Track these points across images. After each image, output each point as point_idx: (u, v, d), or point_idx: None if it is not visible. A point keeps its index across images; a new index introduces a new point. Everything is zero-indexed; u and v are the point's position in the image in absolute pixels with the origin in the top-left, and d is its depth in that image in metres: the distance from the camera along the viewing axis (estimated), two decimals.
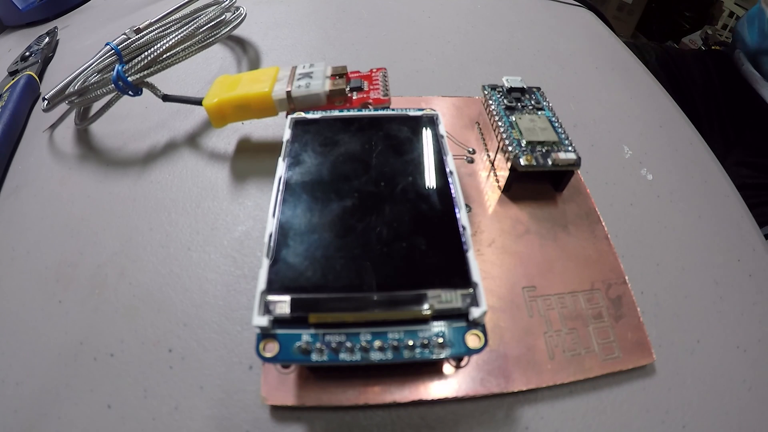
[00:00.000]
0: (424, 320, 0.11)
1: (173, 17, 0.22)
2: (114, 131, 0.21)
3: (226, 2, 0.21)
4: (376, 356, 0.10)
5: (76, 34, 0.30)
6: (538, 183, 0.16)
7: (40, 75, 0.26)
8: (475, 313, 0.11)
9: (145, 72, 0.18)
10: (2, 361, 0.14)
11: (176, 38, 0.19)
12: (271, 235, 0.12)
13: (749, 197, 0.20)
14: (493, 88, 0.18)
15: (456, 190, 0.13)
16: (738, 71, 0.46)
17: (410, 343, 0.11)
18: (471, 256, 0.11)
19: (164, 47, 0.18)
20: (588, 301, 0.14)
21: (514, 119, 0.16)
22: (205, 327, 0.14)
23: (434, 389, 0.12)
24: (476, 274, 0.11)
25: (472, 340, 0.11)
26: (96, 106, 0.20)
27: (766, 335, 0.14)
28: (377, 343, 0.11)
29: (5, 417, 0.13)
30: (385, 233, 0.12)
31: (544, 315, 0.13)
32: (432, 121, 0.15)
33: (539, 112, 0.17)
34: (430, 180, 0.13)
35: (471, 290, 0.11)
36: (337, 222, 0.12)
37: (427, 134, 0.15)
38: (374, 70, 0.18)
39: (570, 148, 0.15)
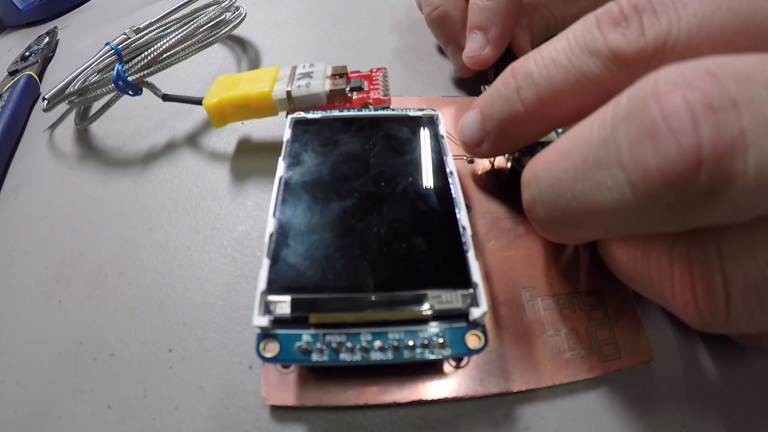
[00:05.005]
0: (425, 320, 0.11)
1: (173, 17, 0.22)
2: (114, 131, 0.21)
3: (226, 2, 0.21)
4: (376, 356, 0.10)
5: (76, 34, 0.30)
6: None
7: (40, 75, 0.26)
8: (475, 313, 0.11)
9: (145, 72, 0.18)
10: (2, 361, 0.14)
11: (176, 38, 0.19)
12: (271, 235, 0.12)
13: None
14: None
15: (456, 191, 0.13)
16: None
17: (410, 343, 0.11)
18: (471, 256, 0.11)
19: (164, 47, 0.18)
20: (588, 302, 0.14)
21: None
22: (205, 327, 0.14)
23: (434, 389, 0.12)
24: (476, 275, 0.11)
25: (473, 340, 0.11)
26: (96, 106, 0.20)
27: None
28: (377, 344, 0.11)
29: (5, 417, 0.13)
30: (385, 233, 0.12)
31: (543, 315, 0.13)
32: (432, 121, 0.15)
33: None
34: (431, 180, 0.13)
35: (471, 290, 0.11)
36: (337, 222, 0.12)
37: (427, 134, 0.15)
38: (374, 70, 0.18)
39: None
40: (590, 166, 0.09)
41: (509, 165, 0.15)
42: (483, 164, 0.17)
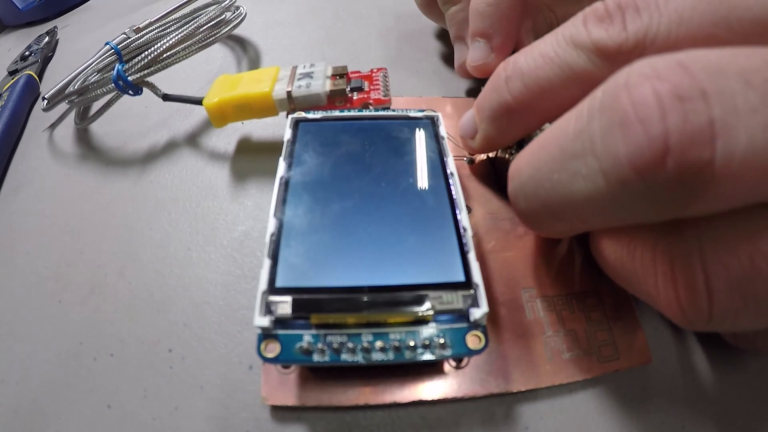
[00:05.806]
0: (425, 321, 0.11)
1: (173, 17, 0.22)
2: (114, 131, 0.21)
3: (226, 2, 0.21)
4: (377, 357, 0.10)
5: (76, 33, 0.30)
6: None
7: (40, 74, 0.26)
8: (475, 314, 0.11)
9: (145, 71, 0.18)
10: (2, 361, 0.14)
11: (176, 38, 0.19)
12: (272, 236, 0.12)
13: None
14: None
15: (456, 192, 0.13)
16: None
17: (411, 343, 0.11)
18: (472, 257, 0.11)
19: (164, 47, 0.18)
20: (587, 303, 0.14)
21: None
22: (205, 327, 0.14)
23: (434, 389, 0.12)
24: (477, 276, 0.11)
25: (473, 340, 0.11)
26: (96, 106, 0.20)
27: None
28: (379, 344, 0.11)
29: (5, 417, 0.13)
30: (386, 234, 0.12)
31: (543, 316, 0.13)
32: (433, 122, 0.15)
33: None
34: (431, 181, 0.13)
35: (472, 291, 0.11)
36: (338, 222, 0.12)
37: (427, 135, 0.15)
38: (375, 70, 0.18)
39: None
40: (567, 156, 0.10)
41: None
42: (483, 165, 0.17)
